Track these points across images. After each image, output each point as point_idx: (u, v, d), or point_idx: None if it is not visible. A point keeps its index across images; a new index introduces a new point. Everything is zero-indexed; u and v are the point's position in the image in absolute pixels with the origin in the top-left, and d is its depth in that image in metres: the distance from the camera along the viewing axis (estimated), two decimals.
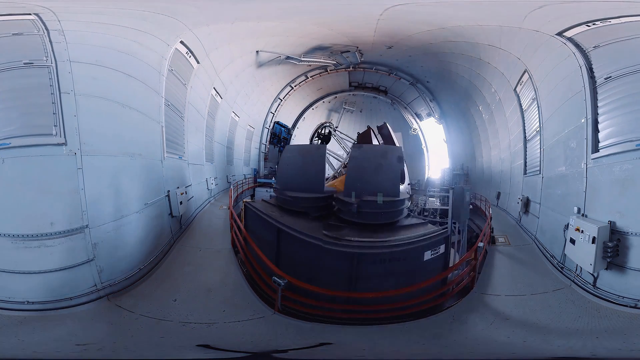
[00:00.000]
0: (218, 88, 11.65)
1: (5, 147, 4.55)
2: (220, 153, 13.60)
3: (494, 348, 4.49)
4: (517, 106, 9.89)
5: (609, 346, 4.21)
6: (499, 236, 8.47)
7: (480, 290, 6.04)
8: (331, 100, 22.39)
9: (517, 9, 6.25)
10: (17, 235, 4.60)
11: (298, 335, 4.74)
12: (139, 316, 4.86)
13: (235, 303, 5.47)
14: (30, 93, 4.80)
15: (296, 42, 11.69)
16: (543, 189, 8.05)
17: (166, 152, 7.52)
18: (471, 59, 10.75)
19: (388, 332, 5.00)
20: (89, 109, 5.18)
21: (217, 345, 4.25)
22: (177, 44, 7.62)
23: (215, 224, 9.42)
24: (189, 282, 6.04)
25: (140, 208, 6.25)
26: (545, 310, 5.26)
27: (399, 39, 10.37)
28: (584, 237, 5.24)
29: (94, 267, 5.09)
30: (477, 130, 14.68)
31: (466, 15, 7.39)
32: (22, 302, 4.64)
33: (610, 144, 5.42)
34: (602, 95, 5.69)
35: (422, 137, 21.03)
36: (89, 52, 5.26)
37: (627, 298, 4.81)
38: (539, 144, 8.42)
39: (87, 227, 5.00)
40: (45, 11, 4.99)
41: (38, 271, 4.70)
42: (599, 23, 5.54)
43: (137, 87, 6.36)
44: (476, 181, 15.84)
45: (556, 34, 6.30)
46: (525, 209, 9.00)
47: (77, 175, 4.92)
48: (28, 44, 4.86)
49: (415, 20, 8.37)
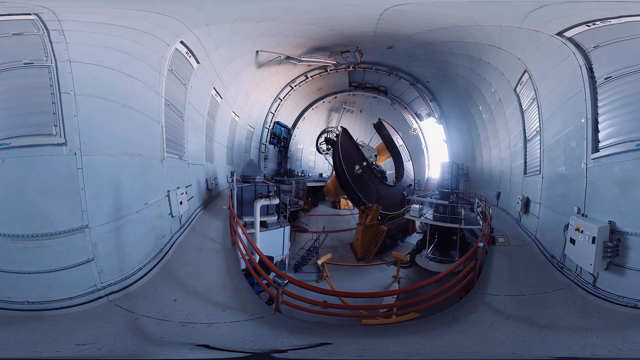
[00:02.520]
0: (218, 88, 11.65)
1: (5, 147, 4.55)
2: (220, 153, 13.60)
3: (494, 348, 4.49)
4: (517, 106, 9.89)
5: (609, 346, 4.21)
6: (499, 236, 8.46)
7: (480, 290, 6.04)
8: (331, 100, 22.39)
9: (517, 9, 6.25)
10: (17, 235, 4.60)
11: (298, 335, 4.74)
12: (139, 316, 4.86)
13: (235, 303, 5.47)
14: (30, 93, 4.80)
15: (296, 42, 11.69)
16: (543, 189, 8.05)
17: (166, 152, 7.52)
18: (471, 59, 10.76)
19: (388, 332, 5.00)
20: (89, 109, 5.17)
21: (217, 345, 4.25)
22: (177, 44, 7.62)
23: (215, 224, 9.42)
24: (189, 282, 6.03)
25: (140, 208, 6.25)
26: (545, 310, 5.26)
27: (399, 39, 10.37)
28: (584, 237, 5.24)
29: (94, 267, 5.09)
30: (477, 130, 14.68)
31: (466, 15, 7.38)
32: (22, 302, 4.64)
33: (610, 144, 5.41)
34: (602, 95, 5.69)
35: (422, 137, 21.05)
36: (89, 52, 5.25)
37: (627, 298, 4.81)
38: (539, 144, 8.42)
39: (87, 227, 5.00)
40: (45, 11, 4.99)
41: (38, 271, 4.71)
42: (599, 23, 5.53)
43: (137, 87, 6.35)
44: (476, 181, 15.85)
45: (556, 34, 6.30)
46: (525, 209, 9.00)
47: (77, 175, 4.92)
48: (28, 44, 4.86)
49: (415, 20, 8.38)
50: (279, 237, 8.08)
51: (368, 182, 15.28)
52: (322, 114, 23.90)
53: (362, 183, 15.22)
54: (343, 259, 12.92)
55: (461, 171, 17.34)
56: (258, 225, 7.57)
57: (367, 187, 15.24)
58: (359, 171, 15.09)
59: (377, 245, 13.13)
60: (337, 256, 12.81)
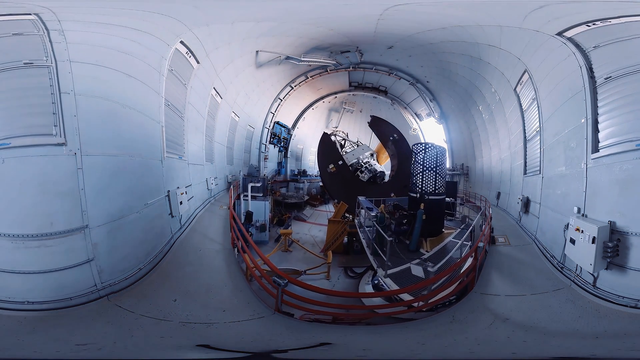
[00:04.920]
0: (218, 88, 11.64)
1: (5, 147, 4.55)
2: (220, 153, 13.60)
3: (494, 348, 4.49)
4: (517, 106, 9.89)
5: (609, 346, 4.21)
6: (499, 236, 8.47)
7: (480, 290, 6.04)
8: (331, 100, 22.39)
9: (517, 9, 6.24)
10: (17, 235, 4.59)
11: (298, 335, 4.74)
12: (139, 316, 4.86)
13: (235, 303, 5.47)
14: (30, 93, 4.80)
15: (296, 42, 11.69)
16: (543, 189, 8.05)
17: (166, 152, 7.52)
18: (471, 59, 10.76)
19: (388, 332, 5.00)
20: (89, 109, 5.17)
21: (217, 345, 4.25)
22: (177, 44, 7.62)
23: (215, 224, 9.42)
24: (189, 282, 6.04)
25: (140, 208, 6.25)
26: (545, 310, 5.26)
27: (399, 39, 10.37)
28: (584, 237, 5.23)
29: (94, 267, 5.09)
30: (477, 130, 14.68)
31: (466, 15, 7.38)
32: (22, 302, 4.64)
33: (610, 144, 5.41)
34: (602, 95, 5.69)
35: (422, 138, 21.03)
36: (89, 52, 5.25)
37: (627, 298, 4.81)
38: (539, 144, 8.42)
39: (87, 227, 5.00)
40: (45, 11, 4.99)
41: (38, 271, 4.70)
42: (599, 23, 5.53)
43: (137, 87, 6.35)
44: (476, 181, 15.85)
45: (556, 34, 6.29)
46: (525, 209, 9.00)
47: (77, 175, 4.92)
48: (28, 44, 4.86)
49: (415, 20, 8.37)
50: (261, 206, 12.47)
51: (340, 180, 16.36)
52: (322, 114, 23.88)
53: (333, 181, 16.53)
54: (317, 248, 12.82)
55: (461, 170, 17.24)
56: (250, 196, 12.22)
57: (337, 184, 16.29)
58: (332, 170, 16.36)
59: (337, 242, 12.52)
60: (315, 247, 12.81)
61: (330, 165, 16.36)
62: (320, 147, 17.24)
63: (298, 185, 20.76)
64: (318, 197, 20.95)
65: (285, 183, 21.30)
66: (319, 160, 17.12)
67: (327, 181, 16.91)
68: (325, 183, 17.24)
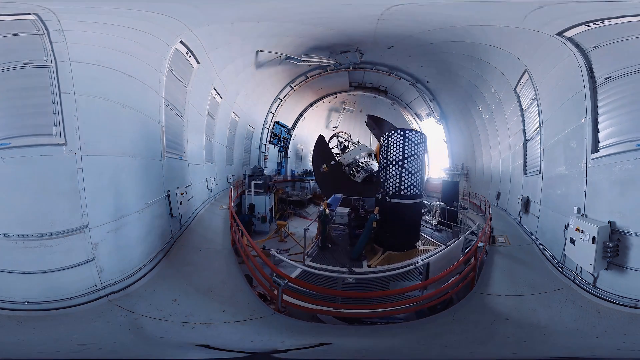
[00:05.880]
0: (218, 88, 11.65)
1: (5, 147, 4.54)
2: (220, 153, 13.60)
3: (494, 348, 4.49)
4: (517, 106, 9.89)
5: (609, 346, 4.21)
6: (499, 236, 8.46)
7: (480, 290, 6.04)
8: (331, 100, 22.40)
9: (517, 9, 6.24)
10: (17, 235, 4.59)
11: (298, 335, 4.74)
12: (139, 316, 4.86)
13: (235, 303, 5.47)
14: (30, 93, 4.80)
15: (296, 42, 11.69)
16: (543, 189, 8.05)
17: (166, 152, 7.52)
18: (471, 59, 10.76)
19: (388, 332, 5.00)
20: (89, 109, 5.17)
21: (217, 345, 4.25)
22: (177, 44, 7.62)
23: (215, 224, 9.42)
24: (189, 282, 6.03)
25: (140, 208, 6.25)
26: (545, 310, 5.26)
27: (399, 39, 10.37)
28: (584, 237, 5.23)
29: (94, 267, 5.08)
30: (477, 130, 14.69)
31: (466, 15, 7.38)
32: (22, 302, 4.63)
33: (610, 144, 5.41)
34: (602, 95, 5.69)
35: None
36: (89, 52, 5.25)
37: (627, 298, 4.81)
38: (539, 144, 8.42)
39: (87, 227, 5.00)
40: (45, 11, 4.98)
41: (38, 271, 4.70)
42: (599, 23, 5.53)
43: (137, 87, 6.35)
44: (476, 181, 15.85)
45: (556, 34, 6.29)
46: (525, 209, 9.00)
47: (77, 175, 4.91)
48: (28, 44, 4.86)
49: (415, 20, 8.37)
50: (263, 200, 13.63)
51: (331, 179, 17.35)
52: (322, 114, 23.90)
53: (324, 179, 17.68)
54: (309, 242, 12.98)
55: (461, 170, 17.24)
56: (253, 191, 13.34)
57: (328, 183, 17.26)
58: (324, 169, 17.61)
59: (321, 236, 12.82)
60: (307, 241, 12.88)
61: (322, 165, 17.45)
62: (315, 148, 18.29)
63: (303, 184, 22.43)
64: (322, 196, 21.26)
65: (287, 182, 22.31)
66: (314, 161, 18.33)
67: (319, 180, 18.13)
68: (318, 181, 18.47)
